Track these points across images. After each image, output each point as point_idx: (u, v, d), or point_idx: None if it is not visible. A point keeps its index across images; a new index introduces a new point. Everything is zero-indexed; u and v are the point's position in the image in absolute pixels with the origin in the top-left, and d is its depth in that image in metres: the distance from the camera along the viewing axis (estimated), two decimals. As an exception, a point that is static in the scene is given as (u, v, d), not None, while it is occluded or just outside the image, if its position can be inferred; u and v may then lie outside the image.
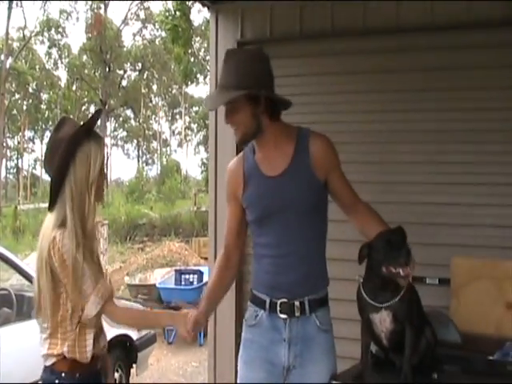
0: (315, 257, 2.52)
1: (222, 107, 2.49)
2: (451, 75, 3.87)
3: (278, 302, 2.48)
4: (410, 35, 3.94)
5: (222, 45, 4.48)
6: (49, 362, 2.29)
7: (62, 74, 51.19)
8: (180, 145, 50.33)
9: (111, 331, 5.46)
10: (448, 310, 3.25)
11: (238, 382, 2.61)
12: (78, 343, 2.25)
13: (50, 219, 2.28)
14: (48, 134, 45.34)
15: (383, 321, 2.48)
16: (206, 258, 14.54)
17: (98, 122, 2.56)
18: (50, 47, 39.21)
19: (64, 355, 2.26)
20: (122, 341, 5.83)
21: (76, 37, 79.22)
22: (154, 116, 47.28)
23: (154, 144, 48.60)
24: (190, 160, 73.27)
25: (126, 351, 5.98)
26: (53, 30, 38.25)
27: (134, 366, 6.17)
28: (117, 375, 5.80)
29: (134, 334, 6.06)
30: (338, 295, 2.56)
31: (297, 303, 2.47)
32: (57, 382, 2.27)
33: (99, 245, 11.69)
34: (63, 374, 2.27)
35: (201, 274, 9.10)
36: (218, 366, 4.54)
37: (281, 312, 2.48)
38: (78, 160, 2.26)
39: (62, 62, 40.19)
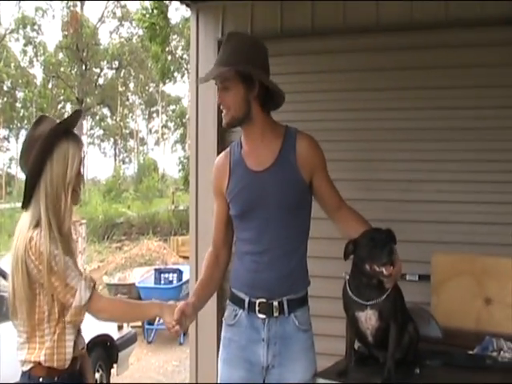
0: (295, 256, 2.51)
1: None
2: (434, 74, 3.91)
3: (257, 301, 2.47)
4: (392, 34, 3.97)
5: (203, 43, 4.49)
6: (26, 367, 2.24)
7: (38, 72, 50.65)
8: (157, 143, 50.11)
9: (91, 331, 5.44)
10: (428, 305, 3.28)
11: (218, 381, 2.62)
12: (57, 350, 2.21)
13: (25, 218, 2.24)
14: (23, 132, 44.81)
15: (369, 319, 2.51)
16: (184, 257, 14.56)
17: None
18: (25, 45, 38.79)
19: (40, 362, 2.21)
20: (102, 341, 5.82)
21: (52, 34, 78.42)
22: (130, 114, 47.04)
23: (131, 142, 48.34)
24: (167, 158, 72.94)
25: (107, 351, 5.97)
26: (28, 27, 37.91)
27: (114, 365, 6.15)
28: (97, 375, 5.77)
29: (115, 334, 6.05)
30: (320, 293, 2.58)
31: (275, 303, 2.46)
32: None
33: (77, 245, 11.62)
34: (41, 379, 2.22)
35: (180, 273, 9.09)
36: (200, 365, 4.55)
37: (259, 312, 2.47)
38: (55, 159, 2.22)
39: (37, 60, 39.83)
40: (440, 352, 2.79)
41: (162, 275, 9.33)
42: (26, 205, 2.26)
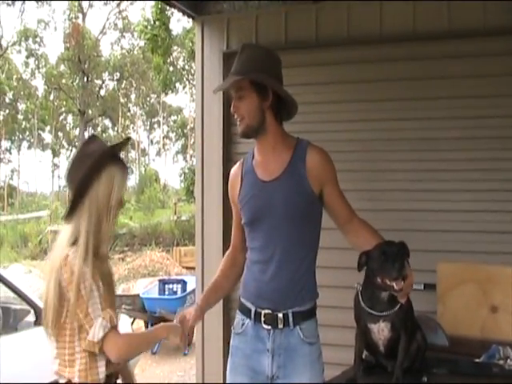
0: (302, 267, 2.51)
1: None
2: (438, 84, 3.97)
3: (263, 312, 2.48)
4: (397, 45, 4.05)
5: (208, 56, 4.54)
6: (61, 381, 2.25)
7: (40, 83, 50.85)
8: (158, 154, 50.19)
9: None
10: (434, 314, 3.30)
11: None
12: (90, 370, 2.20)
13: (65, 232, 2.26)
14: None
15: (381, 330, 2.52)
16: (187, 268, 14.56)
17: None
18: (27, 57, 38.94)
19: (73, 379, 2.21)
20: (107, 351, 5.82)
21: (54, 46, 78.74)
22: (132, 125, 47.13)
23: (133, 153, 48.43)
24: (169, 169, 73.06)
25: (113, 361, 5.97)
26: (30, 39, 38.07)
27: (119, 376, 6.15)
28: (103, 386, 5.78)
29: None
30: (329, 302, 2.59)
31: (280, 315, 2.46)
32: None
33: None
34: None
35: (184, 283, 9.10)
36: (206, 376, 4.56)
37: (265, 323, 2.48)
38: (103, 180, 2.26)
39: (39, 72, 39.95)
40: (446, 360, 2.81)
41: (167, 286, 9.33)
42: (68, 219, 2.28)
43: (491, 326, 3.16)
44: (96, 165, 2.25)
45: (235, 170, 2.66)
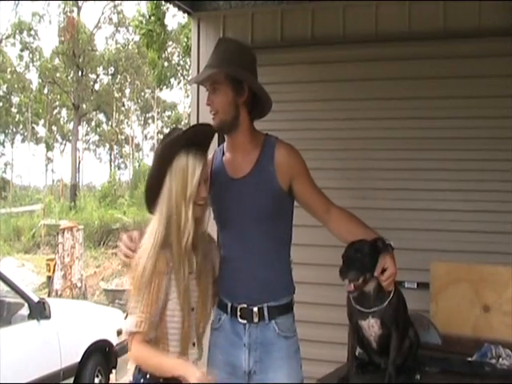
0: (275, 263, 2.52)
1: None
2: (426, 84, 4.00)
3: (238, 307, 2.49)
4: (387, 44, 4.05)
5: (204, 52, 4.54)
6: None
7: (34, 77, 50.67)
8: (152, 149, 49.96)
9: (90, 336, 5.46)
10: (427, 313, 3.32)
11: None
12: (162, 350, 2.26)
13: (150, 224, 2.29)
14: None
15: (371, 326, 2.55)
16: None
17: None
18: (21, 50, 38.73)
19: None
20: (101, 346, 5.84)
21: (48, 40, 78.39)
22: (126, 120, 47.03)
23: (127, 148, 48.30)
24: (163, 164, 73.01)
25: (106, 356, 5.99)
26: (25, 32, 37.88)
27: (113, 371, 6.17)
28: (97, 380, 5.80)
29: (114, 340, 6.07)
30: (322, 300, 2.61)
31: (255, 309, 2.47)
32: (142, 381, 2.28)
33: (74, 250, 11.63)
34: (148, 376, 2.27)
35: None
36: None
37: (240, 317, 2.49)
38: (174, 170, 2.24)
39: (33, 65, 39.79)
40: (439, 358, 2.84)
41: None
42: (151, 211, 2.32)
43: (483, 325, 3.18)
44: (163, 155, 2.25)
45: (207, 165, 2.59)
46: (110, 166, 47.68)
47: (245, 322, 2.49)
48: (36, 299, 5.01)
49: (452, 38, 3.90)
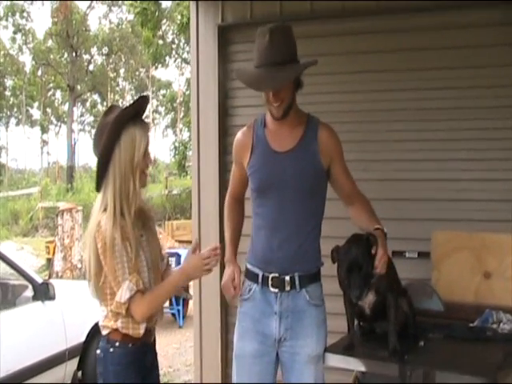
0: (309, 236, 2.62)
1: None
2: (431, 55, 3.99)
3: (270, 276, 2.58)
4: (389, 17, 4.04)
5: (203, 30, 4.54)
6: (104, 332, 2.41)
7: (27, 59, 50.35)
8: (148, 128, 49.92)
9: (92, 318, 5.51)
10: (428, 281, 3.36)
11: (234, 353, 2.72)
12: (132, 319, 2.35)
13: (97, 201, 2.39)
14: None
15: (365, 296, 2.59)
16: (180, 241, 14.60)
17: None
18: (14, 32, 38.39)
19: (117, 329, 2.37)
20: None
21: (41, 21, 77.74)
22: (121, 100, 46.83)
23: (122, 128, 48.11)
24: (159, 143, 72.90)
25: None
26: (17, 14, 37.53)
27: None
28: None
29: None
30: (329, 272, 2.65)
31: (287, 278, 2.57)
32: (111, 350, 2.39)
33: (73, 232, 11.66)
34: (117, 344, 2.38)
35: (178, 256, 9.11)
36: (204, 348, 4.62)
37: (272, 286, 2.58)
38: (123, 144, 2.33)
39: (26, 47, 39.49)
40: (442, 325, 2.90)
41: (161, 259, 9.38)
42: (98, 188, 2.39)
43: (485, 292, 3.24)
44: (113, 131, 2.32)
45: (245, 134, 2.71)
46: (106, 146, 47.49)
47: (276, 290, 2.58)
48: (40, 281, 5.04)
49: (455, 9, 3.89)
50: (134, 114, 2.38)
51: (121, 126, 2.33)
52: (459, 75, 3.92)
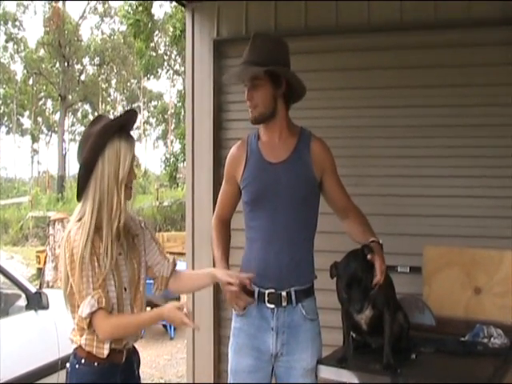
0: (303, 248, 2.65)
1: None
2: (425, 73, 4.05)
3: (266, 292, 2.59)
4: (383, 34, 4.11)
5: (198, 42, 4.58)
6: (73, 346, 2.36)
7: (19, 68, 50.22)
8: (139, 139, 49.81)
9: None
10: (419, 296, 3.40)
11: (229, 369, 2.72)
12: (97, 337, 2.29)
13: (75, 210, 2.33)
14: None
15: (365, 309, 2.60)
16: (170, 253, 14.58)
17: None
18: (6, 41, 38.38)
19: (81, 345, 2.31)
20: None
21: (33, 30, 77.62)
22: (112, 111, 46.82)
23: (113, 139, 48.01)
24: (149, 155, 72.85)
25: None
26: (9, 23, 37.52)
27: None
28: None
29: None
30: (324, 285, 2.68)
31: (284, 293, 2.58)
32: (77, 367, 2.33)
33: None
34: (82, 361, 2.31)
35: (170, 267, 9.16)
36: (197, 360, 4.62)
37: (268, 302, 2.59)
38: (107, 156, 2.27)
39: (18, 56, 39.43)
40: (434, 339, 2.93)
41: (152, 271, 9.36)
42: (78, 198, 2.33)
43: (475, 307, 3.29)
44: (97, 143, 2.26)
45: (238, 148, 2.73)
46: (97, 156, 47.39)
47: (273, 306, 2.59)
48: (33, 290, 5.04)
49: (446, 28, 3.96)
50: (121, 127, 2.33)
51: (105, 137, 2.27)
52: (449, 93, 3.98)
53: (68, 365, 2.38)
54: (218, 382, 4.51)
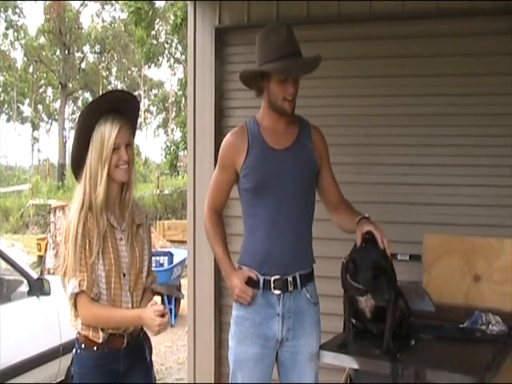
0: (305, 234, 2.67)
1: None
2: (423, 62, 4.06)
3: (272, 278, 2.60)
4: (384, 23, 4.12)
5: (200, 31, 4.58)
6: (75, 331, 2.42)
7: (19, 55, 50.09)
8: (139, 128, 49.77)
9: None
10: (419, 284, 3.43)
11: (232, 357, 2.71)
12: (93, 327, 2.35)
13: (74, 194, 2.41)
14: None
15: (369, 300, 2.65)
16: (171, 241, 14.62)
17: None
18: (6, 28, 38.22)
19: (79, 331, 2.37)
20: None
21: (34, 18, 77.34)
22: (113, 99, 46.61)
23: (114, 127, 47.90)
24: (150, 143, 72.77)
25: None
26: (9, 10, 37.37)
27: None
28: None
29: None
30: (323, 273, 2.71)
31: (290, 278, 2.60)
32: (78, 352, 2.39)
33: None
34: (83, 346, 2.38)
35: (171, 255, 9.18)
36: (198, 348, 4.65)
37: (274, 288, 2.60)
38: (94, 137, 2.34)
39: (18, 44, 39.29)
40: (433, 326, 2.96)
41: (154, 258, 9.41)
42: (78, 179, 2.41)
43: (474, 295, 3.32)
44: (82, 127, 2.35)
45: (237, 135, 2.67)
46: (97, 145, 47.33)
47: (279, 292, 2.61)
48: (35, 276, 5.08)
49: (448, 17, 3.97)
50: (105, 109, 2.36)
51: (90, 122, 2.34)
52: (450, 82, 4.00)
53: (73, 350, 2.44)
54: (218, 370, 4.54)
